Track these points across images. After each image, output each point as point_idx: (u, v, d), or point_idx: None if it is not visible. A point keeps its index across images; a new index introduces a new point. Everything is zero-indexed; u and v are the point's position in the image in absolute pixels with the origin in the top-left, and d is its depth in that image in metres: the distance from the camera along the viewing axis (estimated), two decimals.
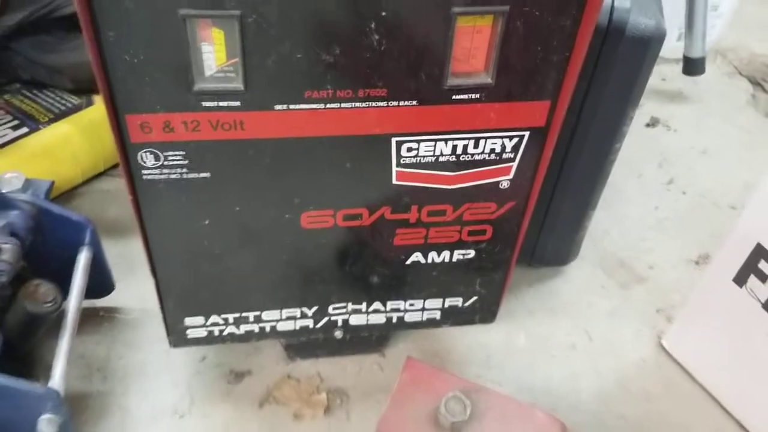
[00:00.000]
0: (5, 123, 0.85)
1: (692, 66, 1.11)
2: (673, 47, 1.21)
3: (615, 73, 0.65)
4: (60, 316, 0.67)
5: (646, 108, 1.14)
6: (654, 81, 1.20)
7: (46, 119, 0.87)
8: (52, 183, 0.77)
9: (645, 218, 0.96)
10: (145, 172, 0.53)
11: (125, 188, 0.54)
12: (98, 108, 0.90)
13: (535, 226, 0.81)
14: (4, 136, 0.84)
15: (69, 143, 0.87)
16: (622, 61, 0.65)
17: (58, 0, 0.81)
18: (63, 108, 0.88)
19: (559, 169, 0.74)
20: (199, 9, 0.45)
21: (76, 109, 0.89)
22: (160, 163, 0.53)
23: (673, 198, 0.99)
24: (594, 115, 0.68)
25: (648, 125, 1.11)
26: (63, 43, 0.85)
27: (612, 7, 0.64)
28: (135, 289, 0.81)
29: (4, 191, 0.72)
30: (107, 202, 0.91)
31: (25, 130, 0.85)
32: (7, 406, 0.58)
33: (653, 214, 0.97)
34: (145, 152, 0.52)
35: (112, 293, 0.78)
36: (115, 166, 0.95)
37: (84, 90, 0.89)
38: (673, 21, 1.18)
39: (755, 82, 1.20)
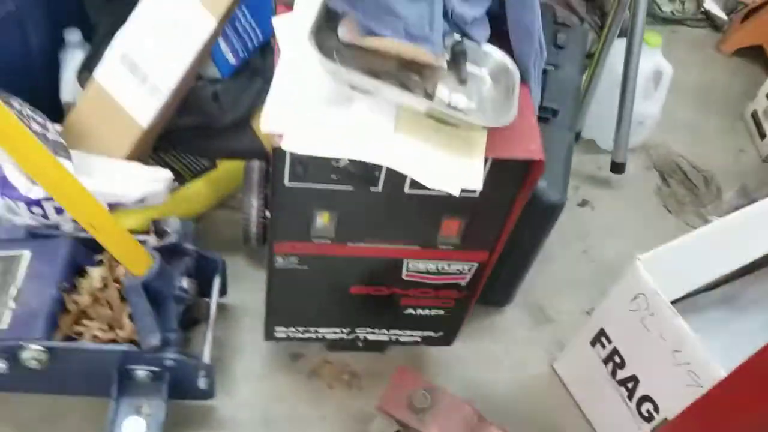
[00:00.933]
0: None
1: (615, 167, 1.59)
2: (611, 143, 1.68)
3: (533, 224, 1.15)
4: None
5: (580, 191, 1.62)
6: (591, 168, 1.68)
7: (188, 176, 1.35)
8: (194, 225, 1.26)
9: (561, 277, 1.46)
10: (276, 264, 1.03)
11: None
12: (219, 169, 1.38)
13: (487, 284, 1.31)
14: None
15: (201, 193, 1.35)
16: (537, 217, 1.14)
17: (219, 119, 1.28)
18: (198, 168, 1.36)
19: (503, 261, 1.24)
20: (320, 209, 0.94)
21: (207, 169, 1.36)
22: (285, 261, 1.03)
23: (584, 264, 1.50)
24: (522, 241, 1.18)
25: (579, 205, 1.60)
26: (211, 137, 1.32)
27: None
28: (238, 293, 1.31)
29: (168, 230, 1.21)
30: (221, 226, 1.39)
31: (176, 184, 1.33)
32: (183, 372, 1.09)
33: (568, 274, 1.47)
34: (278, 256, 1.02)
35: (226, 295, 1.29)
36: (224, 200, 1.43)
37: (213, 158, 1.38)
38: (612, 124, 1.65)
39: (663, 177, 1.69)
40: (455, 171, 0.82)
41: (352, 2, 0.78)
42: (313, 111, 0.83)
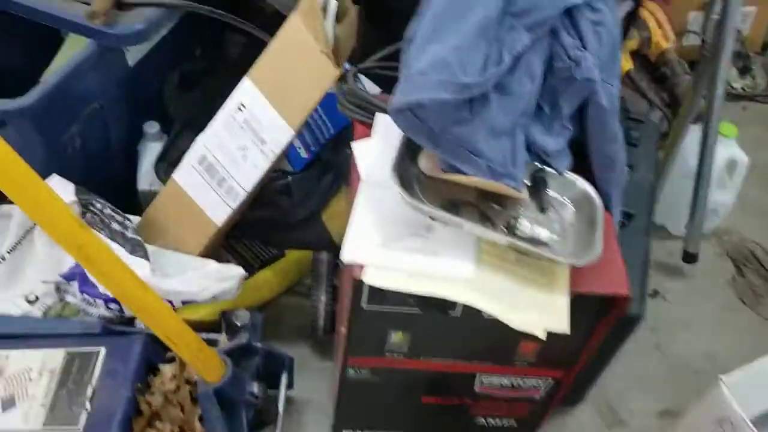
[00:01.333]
0: None
1: (688, 257, 1.55)
2: (682, 229, 1.64)
3: (609, 335, 1.12)
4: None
5: (652, 280, 1.58)
6: (662, 254, 1.64)
7: (257, 265, 1.36)
8: (261, 315, 1.27)
9: (633, 374, 1.42)
10: (349, 376, 1.02)
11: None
12: (288, 258, 1.39)
13: None
14: None
15: (270, 282, 1.36)
16: (614, 329, 1.11)
17: (291, 213, 1.30)
18: (267, 256, 1.38)
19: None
20: (395, 329, 0.94)
21: (275, 258, 1.37)
22: (357, 374, 1.02)
23: (656, 360, 1.45)
24: (597, 350, 1.15)
25: (650, 295, 1.56)
26: (282, 229, 1.34)
27: None
28: (304, 383, 1.29)
29: (238, 324, 1.22)
30: (288, 312, 1.40)
31: (246, 273, 1.34)
32: None
33: (639, 371, 1.43)
34: (352, 368, 1.01)
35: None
36: (291, 287, 1.44)
37: (282, 248, 1.39)
38: (684, 210, 1.61)
39: (737, 266, 1.64)
40: (539, 311, 0.81)
41: (435, 141, 0.77)
42: (393, 241, 0.83)
